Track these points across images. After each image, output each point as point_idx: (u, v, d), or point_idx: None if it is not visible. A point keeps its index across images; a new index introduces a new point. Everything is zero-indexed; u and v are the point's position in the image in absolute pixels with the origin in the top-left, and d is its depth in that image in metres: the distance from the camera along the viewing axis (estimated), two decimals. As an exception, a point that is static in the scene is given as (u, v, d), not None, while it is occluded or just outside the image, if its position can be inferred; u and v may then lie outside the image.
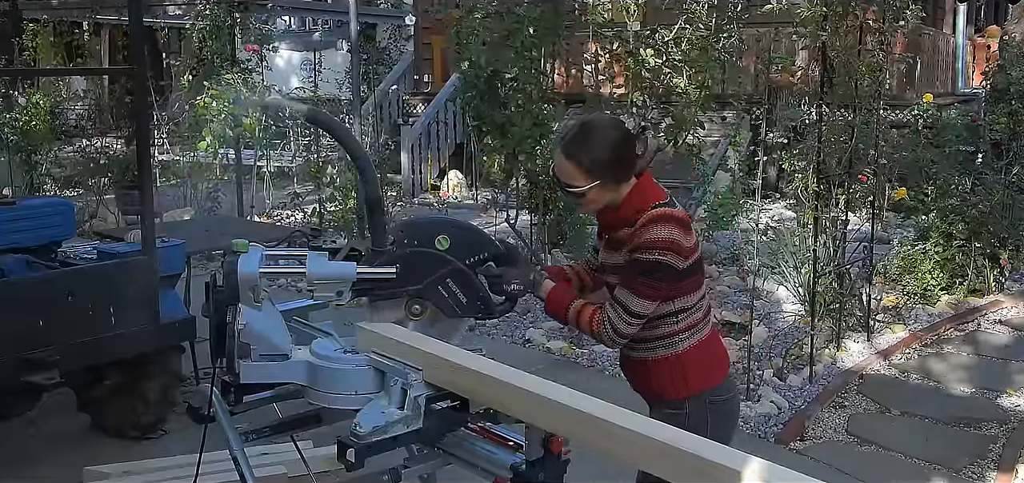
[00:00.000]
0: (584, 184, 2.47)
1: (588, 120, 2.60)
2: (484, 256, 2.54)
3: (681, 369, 2.53)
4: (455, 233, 2.52)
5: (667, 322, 2.52)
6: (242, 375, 2.37)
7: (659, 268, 2.41)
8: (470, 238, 2.57)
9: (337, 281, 2.40)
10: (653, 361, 2.56)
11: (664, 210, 2.46)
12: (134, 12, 4.27)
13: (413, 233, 2.52)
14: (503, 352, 5.88)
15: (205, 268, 7.15)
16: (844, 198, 6.10)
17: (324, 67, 13.32)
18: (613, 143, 2.47)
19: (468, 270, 2.49)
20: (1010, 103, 8.47)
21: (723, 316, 6.74)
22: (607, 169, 2.46)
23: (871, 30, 6.10)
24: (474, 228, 2.65)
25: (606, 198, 2.51)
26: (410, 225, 2.59)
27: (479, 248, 2.54)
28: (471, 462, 2.33)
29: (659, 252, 2.40)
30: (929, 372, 5.89)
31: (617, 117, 2.65)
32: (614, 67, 7.38)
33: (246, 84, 9.85)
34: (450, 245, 2.48)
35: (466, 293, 2.48)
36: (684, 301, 2.51)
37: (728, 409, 2.61)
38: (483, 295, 2.50)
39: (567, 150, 2.50)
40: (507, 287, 2.53)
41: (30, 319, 3.94)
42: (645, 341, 2.55)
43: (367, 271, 2.43)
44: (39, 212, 4.61)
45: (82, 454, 4.42)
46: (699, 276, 2.55)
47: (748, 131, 10.39)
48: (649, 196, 2.50)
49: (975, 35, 16.94)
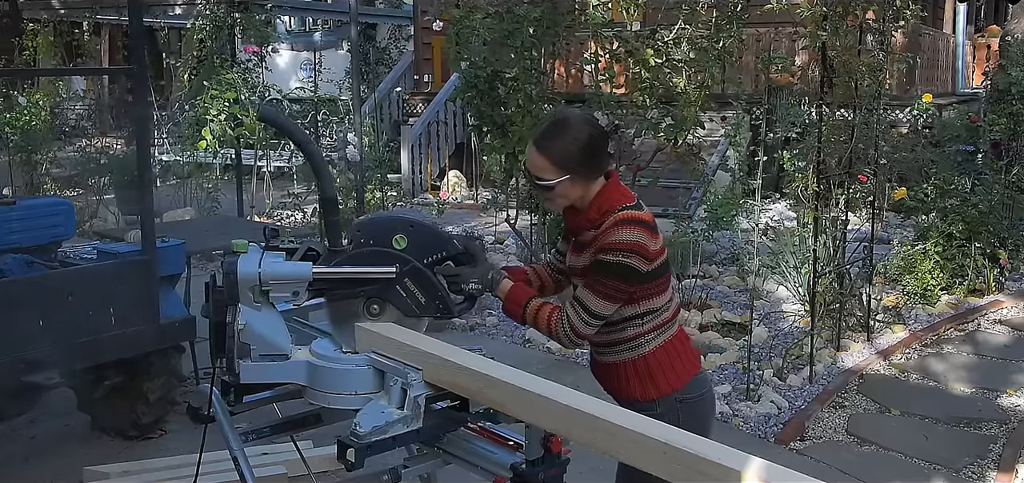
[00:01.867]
0: (553, 178, 2.46)
1: (562, 115, 2.59)
2: (442, 255, 2.50)
3: (648, 371, 2.53)
4: (412, 232, 2.49)
5: (633, 325, 2.51)
6: (242, 375, 2.37)
7: (622, 270, 2.41)
8: (427, 237, 2.53)
9: (292, 281, 2.39)
10: (620, 364, 2.56)
11: (631, 213, 2.45)
12: (134, 12, 4.27)
13: (370, 232, 2.48)
14: (503, 352, 5.89)
15: (205, 268, 7.15)
16: (844, 198, 6.10)
17: (324, 67, 13.35)
18: (584, 139, 2.46)
19: (426, 269, 2.46)
20: (1011, 103, 8.47)
21: (723, 316, 6.75)
22: (577, 164, 2.45)
23: (871, 30, 6.10)
24: (432, 227, 2.62)
25: (574, 194, 2.50)
26: (367, 224, 2.55)
27: (437, 247, 2.51)
28: (471, 462, 2.33)
29: (623, 254, 2.40)
30: (929, 372, 5.89)
31: (591, 114, 2.63)
32: (614, 67, 7.37)
33: (246, 84, 9.86)
34: (407, 244, 2.45)
35: (425, 292, 2.45)
36: (650, 303, 2.51)
37: (701, 408, 2.59)
38: (441, 294, 2.47)
39: (539, 143, 2.50)
40: (465, 286, 2.51)
41: (30, 319, 3.94)
42: (612, 344, 2.55)
43: (323, 271, 2.41)
44: (39, 212, 4.61)
45: (82, 454, 4.43)
46: (665, 279, 2.54)
47: (748, 131, 10.38)
48: (616, 198, 2.49)
49: (975, 35, 16.94)
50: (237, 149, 10.04)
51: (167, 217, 9.46)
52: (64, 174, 11.42)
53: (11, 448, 4.54)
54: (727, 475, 1.72)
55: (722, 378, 5.60)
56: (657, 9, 7.73)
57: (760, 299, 7.00)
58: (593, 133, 2.49)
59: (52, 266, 4.38)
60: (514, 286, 2.57)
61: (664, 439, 1.83)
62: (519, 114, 6.99)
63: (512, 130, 6.97)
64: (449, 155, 13.11)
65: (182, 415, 4.69)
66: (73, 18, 16.24)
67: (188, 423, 4.56)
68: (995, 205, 7.37)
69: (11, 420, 4.62)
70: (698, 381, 2.61)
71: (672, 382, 2.53)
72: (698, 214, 8.74)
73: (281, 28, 16.20)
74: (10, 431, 4.67)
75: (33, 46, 14.10)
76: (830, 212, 6.11)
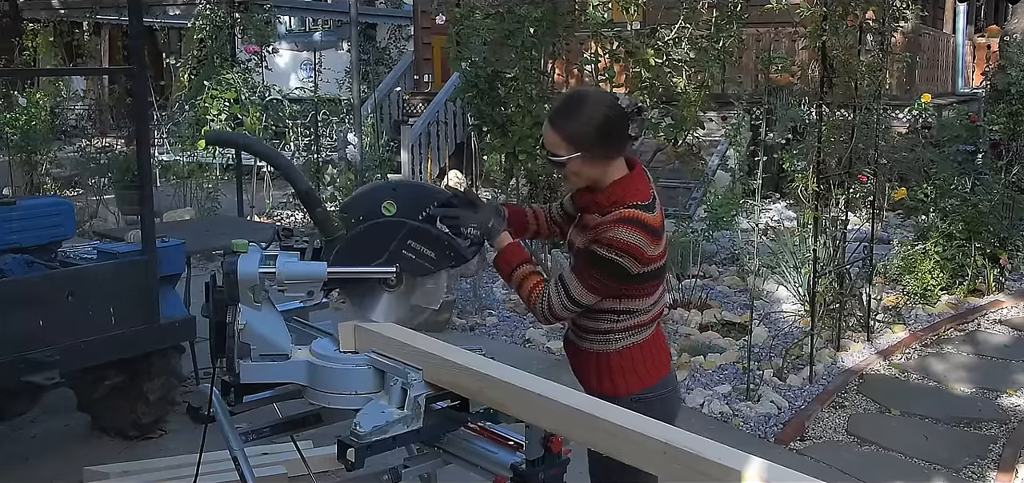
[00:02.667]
0: (564, 154, 2.44)
1: (580, 92, 2.58)
2: (434, 205, 2.50)
3: (610, 370, 2.52)
4: (398, 194, 2.49)
5: (607, 319, 2.50)
6: (242, 375, 2.37)
7: (612, 267, 2.39)
8: (415, 194, 2.53)
9: (307, 281, 2.40)
10: (588, 353, 2.56)
11: (637, 213, 2.41)
12: (134, 12, 4.27)
13: (359, 210, 2.48)
14: (503, 352, 5.89)
15: (205, 268, 7.15)
16: (844, 198, 6.10)
17: (324, 67, 13.34)
18: (599, 119, 2.42)
19: (423, 225, 2.46)
20: (1010, 103, 8.47)
21: (723, 316, 6.75)
22: (590, 143, 2.42)
23: (871, 30, 6.10)
24: (415, 183, 2.63)
25: (588, 174, 2.47)
26: (353, 203, 2.53)
27: (427, 200, 2.51)
28: (471, 462, 2.33)
29: (617, 252, 2.37)
30: (929, 372, 5.89)
31: (612, 95, 2.60)
32: (614, 67, 7.38)
33: (246, 84, 9.86)
34: (398, 208, 2.46)
35: (431, 247, 2.45)
36: (630, 303, 2.49)
37: (659, 407, 2.45)
38: (448, 242, 2.47)
39: (553, 119, 2.49)
40: (466, 230, 2.49)
41: (30, 319, 3.94)
42: (584, 330, 2.55)
43: (338, 271, 2.42)
44: (39, 212, 4.61)
45: (82, 454, 4.43)
46: (655, 284, 2.52)
47: (748, 131, 10.38)
48: (631, 193, 2.45)
49: (975, 35, 16.95)
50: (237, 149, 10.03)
51: (167, 217, 9.46)
52: (64, 174, 11.43)
53: (11, 448, 4.54)
54: (727, 475, 1.72)
55: (722, 378, 5.60)
56: (657, 9, 7.73)
57: (760, 299, 7.00)
58: (610, 114, 2.44)
59: (52, 266, 4.38)
60: (510, 245, 2.54)
61: (664, 439, 1.83)
62: (519, 114, 6.99)
63: (512, 130, 6.98)
64: (449, 155, 13.09)
65: (182, 415, 4.69)
66: (73, 18, 16.25)
67: (188, 423, 4.56)
68: (995, 205, 7.37)
69: (11, 420, 4.62)
70: (661, 382, 2.57)
71: (631, 386, 2.50)
72: (698, 214, 8.74)
73: (281, 28, 16.21)
74: (10, 431, 4.67)
75: (33, 46, 14.11)
76: (830, 212, 6.11)
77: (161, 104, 14.05)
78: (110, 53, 19.14)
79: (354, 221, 2.47)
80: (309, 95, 11.92)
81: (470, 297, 7.03)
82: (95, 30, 17.91)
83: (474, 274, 7.31)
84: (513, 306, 6.98)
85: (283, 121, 12.19)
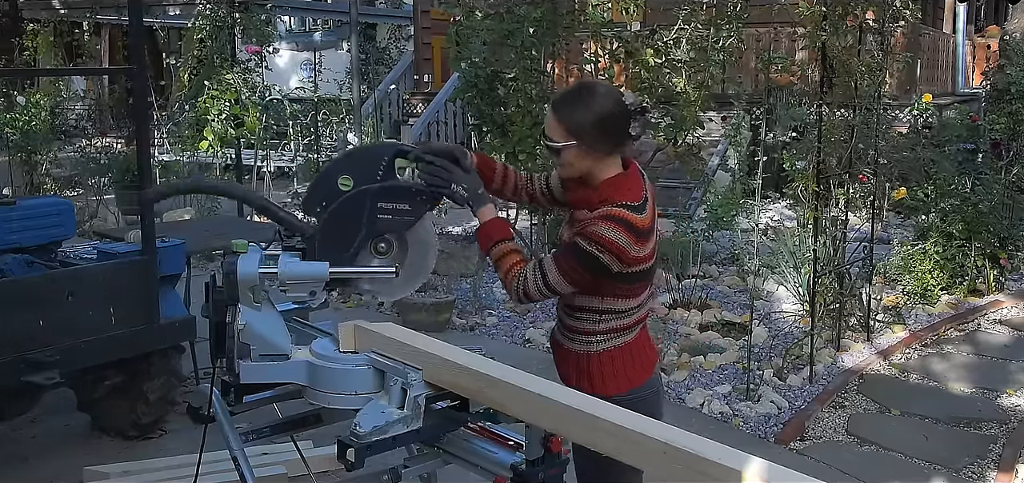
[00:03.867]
0: (559, 140, 2.44)
1: (591, 83, 2.59)
2: (389, 158, 2.50)
3: (589, 372, 2.52)
4: (348, 164, 2.51)
5: (589, 319, 2.50)
6: (242, 375, 2.37)
7: (592, 263, 2.39)
8: (363, 158, 2.54)
9: (310, 281, 2.40)
10: (569, 351, 2.56)
11: (623, 212, 2.40)
12: (134, 12, 4.27)
13: (318, 197, 2.48)
14: (503, 352, 5.88)
15: (205, 268, 7.15)
16: (844, 198, 6.10)
17: (324, 67, 13.34)
18: (601, 112, 2.42)
19: (387, 183, 2.47)
20: (1010, 103, 8.48)
21: (723, 316, 6.75)
22: (588, 135, 2.42)
23: (871, 29, 6.10)
24: (360, 149, 2.62)
25: (582, 165, 2.47)
26: (310, 197, 2.52)
27: (377, 157, 2.50)
28: (471, 462, 2.32)
29: (598, 248, 2.37)
30: (929, 372, 5.89)
31: (618, 91, 2.60)
32: (614, 67, 7.38)
33: (246, 84, 9.85)
34: (354, 179, 2.46)
35: (402, 200, 2.46)
36: (614, 303, 2.48)
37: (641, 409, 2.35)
38: (416, 189, 2.49)
39: (556, 104, 2.50)
40: (455, 187, 2.49)
41: (30, 319, 3.94)
42: (568, 328, 2.56)
43: (339, 271, 2.42)
44: (39, 212, 4.60)
45: (82, 454, 4.43)
46: (641, 286, 2.51)
47: (748, 131, 10.39)
48: (622, 192, 2.44)
49: (975, 35, 16.95)
50: (237, 149, 10.03)
51: (167, 217, 9.46)
52: (64, 174, 11.42)
53: (11, 448, 4.54)
54: (727, 475, 1.72)
55: (722, 378, 5.60)
56: (657, 9, 7.74)
57: (760, 299, 7.00)
58: (614, 110, 2.44)
59: (52, 266, 4.38)
60: (494, 218, 2.54)
61: (664, 439, 1.83)
62: (519, 114, 7.00)
63: (512, 130, 6.98)
64: (449, 155, 13.11)
65: (182, 415, 4.69)
66: (73, 18, 16.24)
67: (188, 423, 4.56)
68: (995, 205, 7.36)
69: (11, 420, 4.62)
70: (644, 384, 2.56)
71: (610, 389, 2.47)
72: (698, 214, 8.75)
73: (281, 28, 16.19)
74: (10, 431, 4.67)
75: (33, 46, 14.11)
76: (830, 212, 6.11)
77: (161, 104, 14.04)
78: (110, 53, 19.13)
79: (318, 210, 2.47)
80: (309, 95, 11.93)
81: (470, 297, 7.03)
82: (95, 30, 17.90)
83: (474, 274, 7.33)
84: (513, 306, 6.98)
85: (283, 121, 12.20)
